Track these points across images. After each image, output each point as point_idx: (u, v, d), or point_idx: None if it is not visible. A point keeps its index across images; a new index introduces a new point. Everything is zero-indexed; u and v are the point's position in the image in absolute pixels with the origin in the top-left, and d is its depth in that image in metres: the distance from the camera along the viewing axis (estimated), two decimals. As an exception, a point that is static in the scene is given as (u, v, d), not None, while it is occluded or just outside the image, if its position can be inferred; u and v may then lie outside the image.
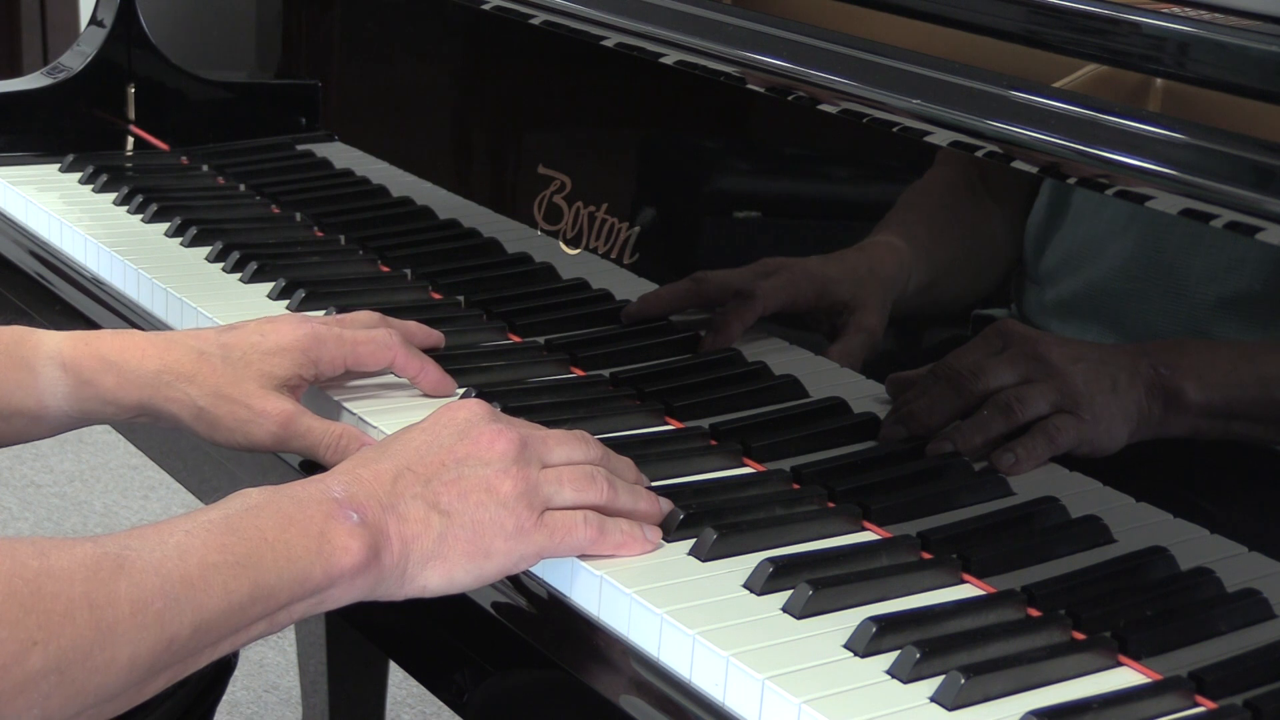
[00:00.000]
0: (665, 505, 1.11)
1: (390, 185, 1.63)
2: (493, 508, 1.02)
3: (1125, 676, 0.99)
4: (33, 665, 0.84)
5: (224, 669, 1.47)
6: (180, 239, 1.61)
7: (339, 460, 1.14)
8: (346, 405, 1.26)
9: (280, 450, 1.20)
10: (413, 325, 1.31)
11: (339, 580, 0.97)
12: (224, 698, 1.48)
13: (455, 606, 1.09)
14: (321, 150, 1.73)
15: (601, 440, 1.16)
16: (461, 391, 1.28)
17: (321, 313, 1.41)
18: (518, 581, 1.07)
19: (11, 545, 0.87)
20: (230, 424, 1.18)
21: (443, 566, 1.01)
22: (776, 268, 1.27)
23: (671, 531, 1.10)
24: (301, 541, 0.95)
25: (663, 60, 1.32)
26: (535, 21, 1.44)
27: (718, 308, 1.29)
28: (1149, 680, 0.98)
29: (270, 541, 0.94)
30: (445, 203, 1.57)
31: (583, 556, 1.06)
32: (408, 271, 1.54)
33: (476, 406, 1.08)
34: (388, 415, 1.24)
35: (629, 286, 1.35)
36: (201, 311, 1.43)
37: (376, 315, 1.29)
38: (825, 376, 1.23)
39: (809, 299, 1.26)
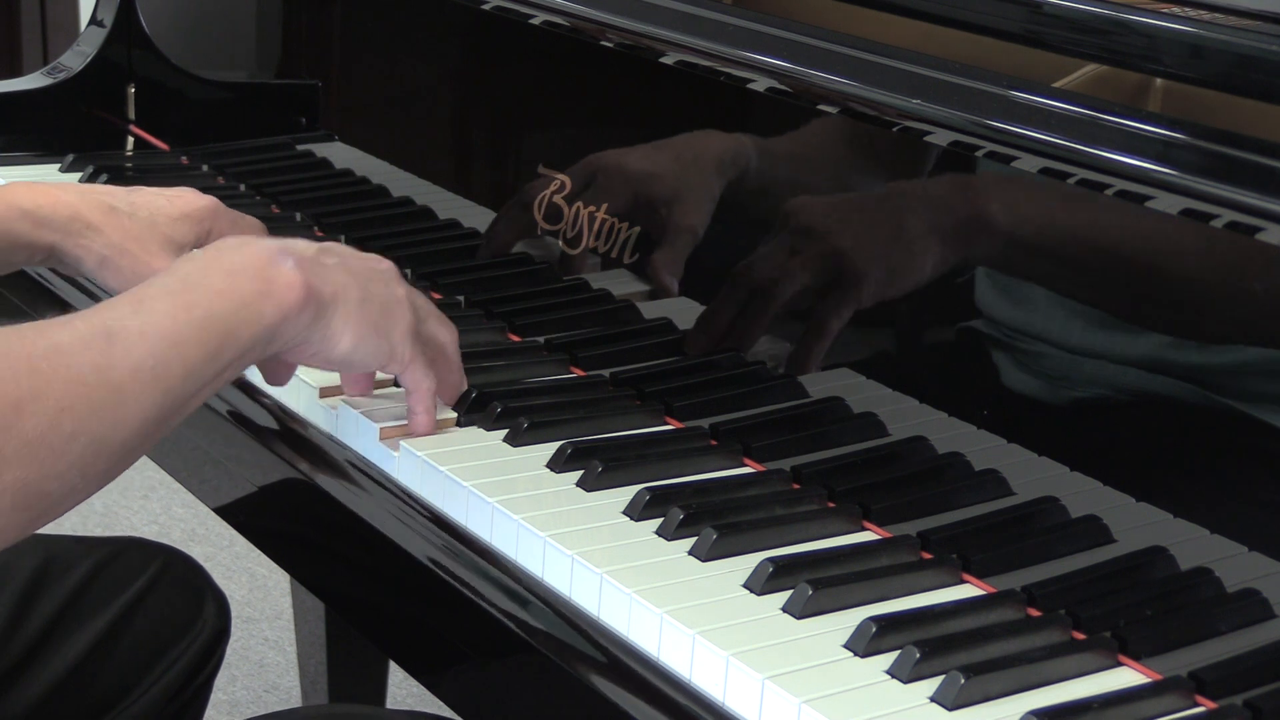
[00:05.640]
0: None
1: (390, 185, 1.63)
2: (395, 303, 1.14)
3: (1125, 676, 0.99)
4: (65, 429, 0.93)
5: (216, 638, 1.52)
6: (180, 239, 1.60)
7: None
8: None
9: None
10: None
11: (289, 314, 1.07)
12: (224, 698, 1.48)
13: (456, 606, 1.09)
14: (321, 150, 1.73)
15: (601, 440, 1.20)
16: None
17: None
18: (516, 580, 1.08)
19: (14, 329, 0.95)
20: (129, 276, 1.28)
21: (355, 331, 1.11)
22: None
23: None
24: (249, 285, 1.05)
25: (663, 60, 1.32)
26: (535, 21, 1.45)
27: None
28: (1149, 680, 0.98)
29: (221, 292, 1.04)
30: (445, 203, 1.57)
31: (583, 555, 1.06)
32: (408, 271, 1.53)
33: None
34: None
35: (629, 286, 1.35)
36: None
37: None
38: (825, 377, 1.23)
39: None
